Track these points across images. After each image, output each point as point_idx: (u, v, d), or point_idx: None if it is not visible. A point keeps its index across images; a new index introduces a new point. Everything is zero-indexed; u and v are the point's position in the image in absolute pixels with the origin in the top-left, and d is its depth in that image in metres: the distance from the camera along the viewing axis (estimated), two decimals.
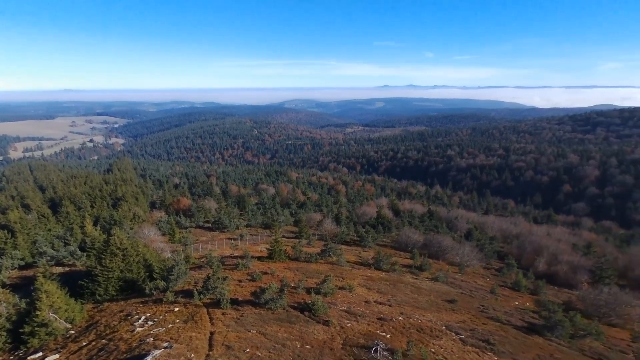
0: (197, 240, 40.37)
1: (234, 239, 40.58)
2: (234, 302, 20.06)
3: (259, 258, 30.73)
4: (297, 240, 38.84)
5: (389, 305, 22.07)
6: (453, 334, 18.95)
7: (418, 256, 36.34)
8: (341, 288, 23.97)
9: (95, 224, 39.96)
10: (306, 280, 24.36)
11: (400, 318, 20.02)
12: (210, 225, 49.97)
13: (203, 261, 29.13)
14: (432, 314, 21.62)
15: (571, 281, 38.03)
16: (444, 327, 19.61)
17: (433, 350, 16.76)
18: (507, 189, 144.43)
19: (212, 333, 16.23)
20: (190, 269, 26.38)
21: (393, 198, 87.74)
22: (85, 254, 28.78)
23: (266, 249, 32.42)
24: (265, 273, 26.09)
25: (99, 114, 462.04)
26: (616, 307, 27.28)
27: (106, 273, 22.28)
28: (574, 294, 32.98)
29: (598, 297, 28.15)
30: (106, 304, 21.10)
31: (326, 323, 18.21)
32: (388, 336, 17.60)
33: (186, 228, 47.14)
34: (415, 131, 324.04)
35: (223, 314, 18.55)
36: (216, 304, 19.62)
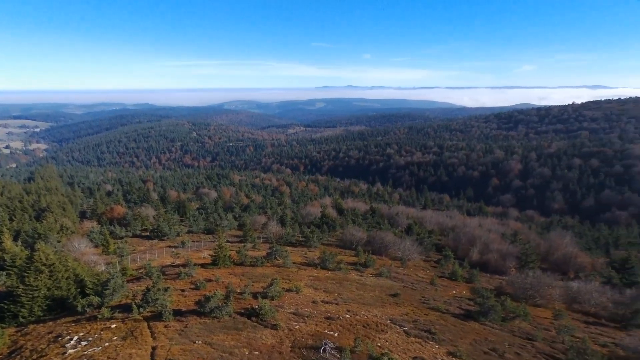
0: (134, 250, 38.16)
1: (175, 247, 38.92)
2: (178, 314, 19.25)
3: (203, 265, 29.76)
4: (242, 244, 38.15)
5: (336, 304, 22.41)
6: (397, 326, 19.70)
7: (362, 253, 37.27)
8: (288, 290, 23.94)
9: (15, 239, 36.34)
10: (252, 285, 24.01)
11: (347, 316, 20.42)
12: (148, 233, 47.45)
13: (142, 272, 27.62)
14: (378, 309, 22.30)
15: (501, 268, 41.08)
16: (388, 321, 20.32)
17: (379, 344, 17.29)
18: (442, 185, 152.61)
19: (154, 348, 15.44)
20: (128, 281, 24.90)
21: (337, 197, 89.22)
22: (4, 272, 26.07)
23: (210, 255, 31.49)
24: (210, 280, 25.33)
25: (15, 118, 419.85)
26: (540, 289, 29.92)
27: (30, 292, 20.31)
28: (504, 280, 35.68)
29: (524, 281, 30.66)
30: (32, 326, 19.23)
31: (274, 327, 18.09)
32: (336, 335, 17.87)
33: (122, 238, 44.36)
34: (355, 131, 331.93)
35: (165, 326, 17.72)
36: (158, 316, 18.69)
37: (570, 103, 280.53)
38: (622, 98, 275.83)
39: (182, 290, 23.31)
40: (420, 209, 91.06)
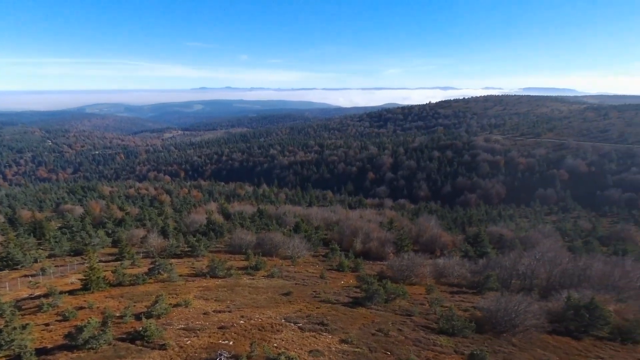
0: None
1: (32, 276, 33.30)
2: (43, 352, 16.57)
3: (72, 292, 26.11)
4: (119, 262, 34.53)
5: (229, 312, 21.85)
6: (292, 324, 20.09)
7: (252, 256, 36.97)
8: (176, 305, 22.50)
9: None
10: (134, 306, 21.96)
11: (241, 322, 20.08)
12: None
13: None
14: (272, 310, 22.41)
15: (381, 254, 44.82)
16: (283, 320, 20.59)
17: (275, 344, 17.43)
18: (325, 181, 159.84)
19: None
20: None
21: (222, 202, 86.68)
22: None
23: (79, 279, 27.75)
24: (82, 308, 22.36)
25: None
26: (414, 269, 33.45)
27: None
28: (385, 264, 39.01)
29: (401, 264, 33.94)
30: None
31: (163, 347, 16.85)
32: (231, 343, 17.44)
33: None
34: (237, 133, 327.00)
35: None
36: None
37: (428, 102, 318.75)
38: (466, 97, 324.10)
39: (47, 325, 20.12)
40: (306, 206, 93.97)
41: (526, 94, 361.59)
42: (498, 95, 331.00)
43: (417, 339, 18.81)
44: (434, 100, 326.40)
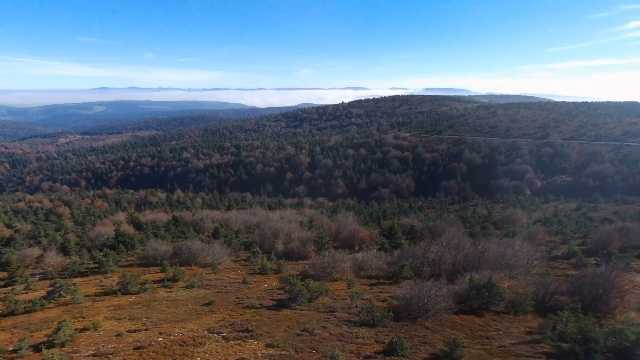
0: None
1: None
2: None
3: None
4: (9, 288, 30.35)
5: (146, 330, 20.48)
6: (215, 335, 19.49)
7: (169, 267, 35.04)
8: (83, 329, 20.47)
9: None
10: (32, 336, 19.51)
11: (160, 339, 18.96)
12: None
13: None
14: (193, 322, 21.50)
15: (303, 253, 45.35)
16: (205, 332, 19.88)
17: (199, 358, 16.78)
18: (243, 183, 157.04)
19: None
20: None
21: (132, 211, 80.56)
22: None
23: None
24: None
25: None
26: (335, 265, 34.45)
27: None
28: (307, 263, 39.58)
29: (322, 261, 34.72)
30: None
31: None
32: None
33: None
34: (146, 136, 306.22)
35: None
36: None
37: (341, 102, 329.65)
38: (376, 97, 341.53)
39: None
40: (224, 210, 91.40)
41: (428, 93, 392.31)
42: (404, 95, 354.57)
43: (340, 334, 19.46)
44: (346, 100, 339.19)
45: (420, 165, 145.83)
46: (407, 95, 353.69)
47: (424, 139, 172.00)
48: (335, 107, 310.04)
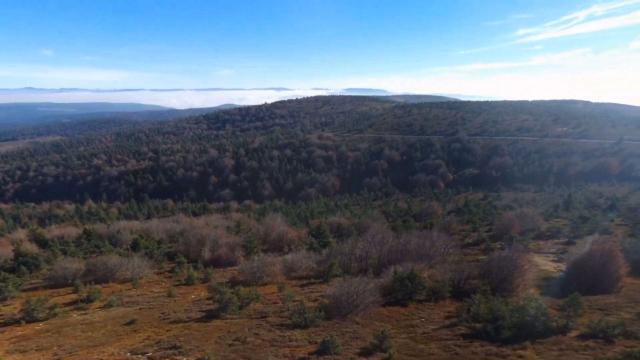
0: None
1: None
2: None
3: None
4: None
5: None
6: (140, 356, 18.28)
7: (82, 287, 32.03)
8: None
9: None
10: None
11: None
12: None
13: None
14: (113, 345, 19.91)
15: (232, 259, 44.23)
16: (128, 354, 18.55)
17: None
18: (164, 190, 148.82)
19: None
20: None
21: (34, 227, 72.00)
22: None
23: None
24: None
25: None
26: (265, 269, 34.15)
27: None
28: (236, 269, 38.75)
29: (252, 266, 34.24)
30: None
31: None
32: None
33: None
34: (48, 142, 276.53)
35: None
36: None
37: (264, 103, 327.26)
38: (299, 98, 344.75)
39: None
40: (144, 219, 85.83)
41: (348, 94, 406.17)
42: (326, 96, 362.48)
43: (273, 339, 19.39)
44: (269, 101, 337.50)
45: (344, 164, 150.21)
46: (329, 96, 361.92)
47: (347, 138, 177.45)
48: (259, 108, 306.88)
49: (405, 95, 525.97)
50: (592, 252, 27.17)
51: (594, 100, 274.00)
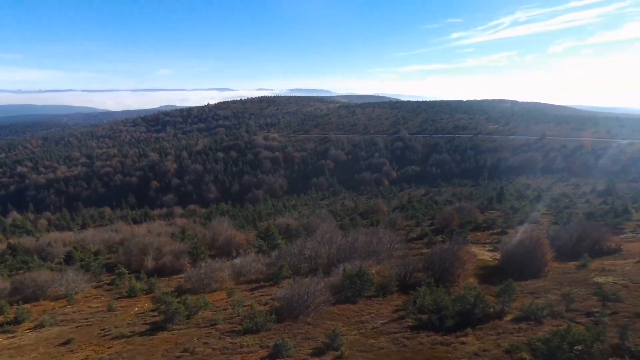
0: None
1: None
2: None
3: None
4: None
5: None
6: None
7: (8, 308, 29.24)
8: None
9: None
10: None
11: None
12: None
13: None
14: None
15: (177, 267, 42.60)
16: None
17: None
18: (100, 197, 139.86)
19: None
20: None
21: None
22: None
23: None
24: None
25: None
26: (213, 275, 33.28)
27: None
28: (182, 277, 37.40)
29: (199, 273, 33.22)
30: None
31: None
32: None
33: None
34: None
35: None
36: None
37: (206, 104, 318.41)
38: (243, 98, 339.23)
39: None
40: (78, 230, 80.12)
41: (293, 94, 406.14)
42: (271, 96, 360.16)
43: (224, 347, 18.95)
44: (212, 102, 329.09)
45: (291, 165, 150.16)
46: (274, 96, 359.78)
47: (293, 139, 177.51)
48: (201, 109, 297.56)
49: (349, 95, 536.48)
50: (521, 240, 29.47)
51: (520, 99, 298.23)
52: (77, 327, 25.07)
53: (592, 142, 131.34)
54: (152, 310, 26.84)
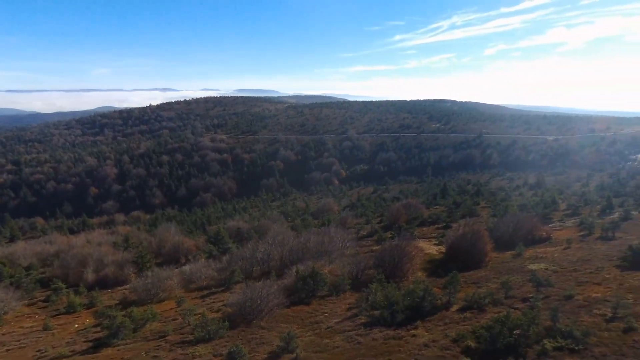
0: None
1: None
2: None
3: None
4: None
5: None
6: None
7: None
8: None
9: None
10: None
11: None
12: None
13: None
14: None
15: (121, 278, 40.37)
16: None
17: None
18: (30, 207, 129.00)
19: None
20: None
21: None
22: None
23: None
24: None
25: None
26: (161, 284, 31.94)
27: None
28: (127, 289, 35.50)
29: (145, 282, 31.72)
30: None
31: None
32: None
33: None
34: None
35: None
36: None
37: (148, 105, 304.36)
38: (188, 99, 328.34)
39: None
40: (6, 243, 73.28)
41: (240, 95, 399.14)
42: (217, 97, 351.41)
43: (175, 359, 18.26)
44: (155, 103, 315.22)
45: (240, 166, 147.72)
46: (220, 97, 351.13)
47: (241, 140, 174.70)
48: (143, 111, 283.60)
49: (297, 95, 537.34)
50: (464, 233, 31.14)
51: (459, 99, 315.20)
52: (7, 350, 22.95)
53: (524, 139, 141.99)
54: (95, 326, 25.26)
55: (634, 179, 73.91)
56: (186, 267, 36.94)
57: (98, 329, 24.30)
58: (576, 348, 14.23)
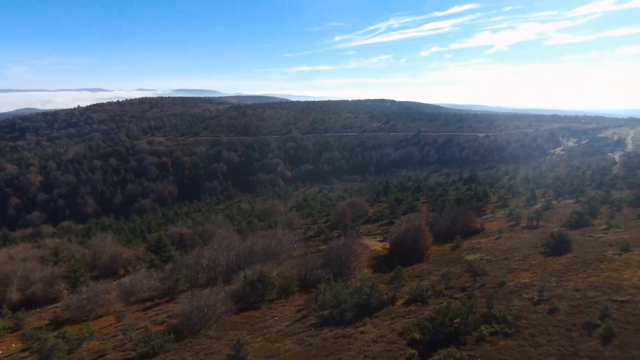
0: None
1: None
2: None
3: None
4: None
5: None
6: None
7: None
8: None
9: None
10: None
11: None
12: None
13: None
14: None
15: (52, 295, 37.25)
16: None
17: None
18: None
19: None
20: None
21: None
22: None
23: None
24: None
25: None
26: (97, 299, 29.89)
27: None
28: (58, 307, 32.83)
29: (80, 298, 29.51)
30: None
31: None
32: None
33: None
34: None
35: None
36: None
37: (77, 106, 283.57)
38: (121, 100, 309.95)
39: None
40: None
41: (178, 95, 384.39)
42: (154, 97, 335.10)
43: None
44: (84, 104, 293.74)
45: (181, 170, 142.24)
46: (157, 97, 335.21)
47: (181, 142, 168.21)
48: (70, 113, 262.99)
49: (238, 96, 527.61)
50: (406, 229, 32.48)
51: (397, 99, 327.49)
52: None
53: (458, 137, 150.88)
54: (23, 351, 23.08)
55: (552, 171, 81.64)
56: (126, 279, 34.91)
57: (27, 353, 22.24)
58: (509, 332, 15.46)
